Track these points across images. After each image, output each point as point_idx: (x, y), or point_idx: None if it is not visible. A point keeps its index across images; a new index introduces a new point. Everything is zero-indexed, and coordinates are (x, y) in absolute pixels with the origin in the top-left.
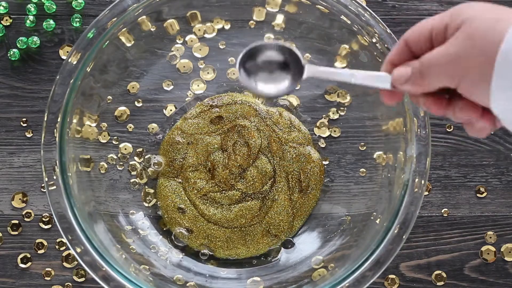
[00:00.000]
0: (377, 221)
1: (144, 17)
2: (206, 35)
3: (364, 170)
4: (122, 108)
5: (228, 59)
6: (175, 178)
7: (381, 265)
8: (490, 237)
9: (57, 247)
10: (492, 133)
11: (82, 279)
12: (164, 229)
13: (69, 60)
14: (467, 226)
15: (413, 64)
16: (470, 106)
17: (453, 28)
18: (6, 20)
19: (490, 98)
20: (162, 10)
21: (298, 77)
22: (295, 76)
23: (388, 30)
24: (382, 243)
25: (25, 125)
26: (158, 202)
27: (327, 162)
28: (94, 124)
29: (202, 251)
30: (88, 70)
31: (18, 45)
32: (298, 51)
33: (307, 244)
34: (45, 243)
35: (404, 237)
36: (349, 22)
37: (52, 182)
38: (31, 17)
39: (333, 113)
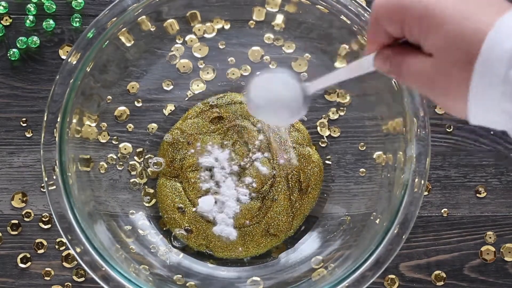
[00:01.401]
0: (377, 221)
1: (144, 17)
2: (206, 35)
3: (364, 170)
4: (122, 108)
5: (228, 59)
6: (175, 178)
7: (381, 265)
8: (490, 237)
9: (56, 247)
10: (492, 133)
11: (82, 279)
12: (164, 229)
13: (69, 60)
14: (467, 226)
15: (391, 60)
16: None
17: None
18: (6, 20)
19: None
20: (162, 10)
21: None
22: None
23: None
24: (382, 243)
25: (24, 125)
26: (158, 203)
27: (327, 162)
28: (94, 124)
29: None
30: (88, 70)
31: (18, 45)
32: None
33: (307, 244)
34: (45, 243)
35: (404, 237)
36: (349, 22)
37: (51, 182)
38: (31, 17)
39: (333, 113)
